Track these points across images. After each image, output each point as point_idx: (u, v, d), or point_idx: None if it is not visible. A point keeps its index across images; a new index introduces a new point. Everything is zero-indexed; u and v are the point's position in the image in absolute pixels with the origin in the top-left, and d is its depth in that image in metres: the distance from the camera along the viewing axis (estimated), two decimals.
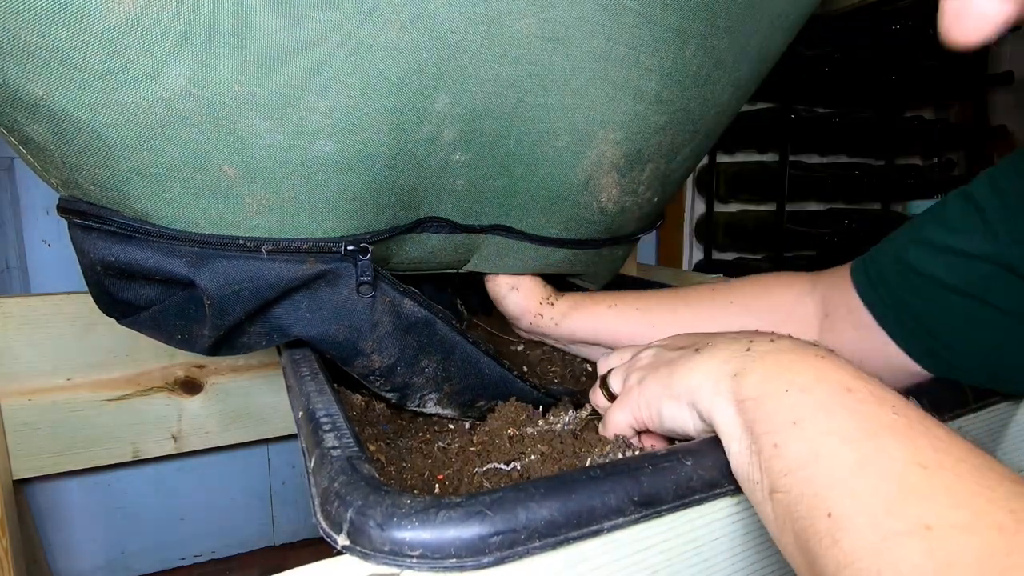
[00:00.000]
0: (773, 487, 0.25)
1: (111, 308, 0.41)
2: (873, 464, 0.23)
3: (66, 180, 0.36)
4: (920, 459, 0.22)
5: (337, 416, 0.33)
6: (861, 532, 0.22)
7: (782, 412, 0.26)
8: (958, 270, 0.39)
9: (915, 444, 0.23)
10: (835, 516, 0.22)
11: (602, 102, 0.43)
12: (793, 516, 0.24)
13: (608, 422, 0.38)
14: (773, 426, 0.26)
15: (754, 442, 0.27)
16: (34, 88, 0.30)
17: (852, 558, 0.21)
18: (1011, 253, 0.36)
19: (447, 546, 0.23)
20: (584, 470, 0.27)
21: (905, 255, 0.42)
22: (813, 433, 0.25)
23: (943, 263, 0.39)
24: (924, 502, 0.21)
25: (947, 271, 0.39)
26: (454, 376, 0.49)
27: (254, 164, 0.35)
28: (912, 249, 0.41)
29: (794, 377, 0.27)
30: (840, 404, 0.25)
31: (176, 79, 0.31)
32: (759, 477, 0.26)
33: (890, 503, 0.22)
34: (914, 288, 0.41)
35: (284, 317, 0.41)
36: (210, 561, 1.04)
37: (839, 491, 0.23)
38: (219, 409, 0.88)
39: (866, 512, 0.22)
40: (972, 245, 0.38)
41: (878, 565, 0.21)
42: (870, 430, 0.24)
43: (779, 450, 0.25)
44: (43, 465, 0.78)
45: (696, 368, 0.32)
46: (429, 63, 0.35)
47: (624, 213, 0.53)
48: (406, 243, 0.47)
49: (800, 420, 0.25)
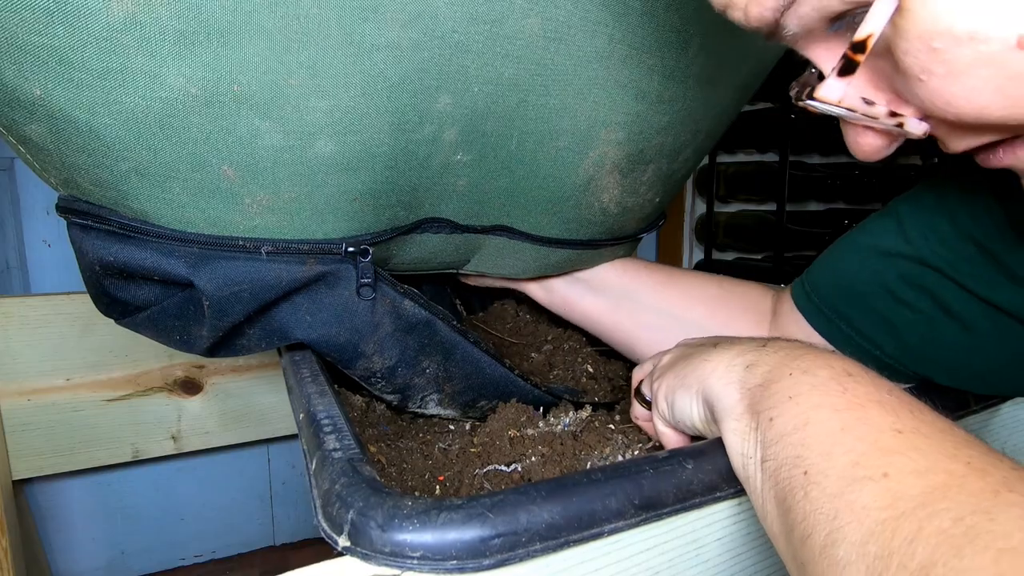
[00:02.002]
0: (764, 456, 0.26)
1: (110, 308, 0.41)
2: (853, 429, 0.24)
3: (65, 180, 0.36)
4: (898, 426, 0.24)
5: (338, 418, 0.33)
6: (828, 483, 0.23)
7: (782, 390, 0.27)
8: (877, 270, 0.41)
9: (897, 415, 0.24)
10: (809, 473, 0.24)
11: (604, 102, 0.43)
12: (776, 479, 0.25)
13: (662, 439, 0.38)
14: (772, 403, 0.27)
15: (753, 419, 0.28)
16: (32, 87, 0.30)
17: (815, 505, 0.23)
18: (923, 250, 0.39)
19: (448, 548, 0.23)
20: (585, 473, 0.27)
21: (835, 262, 0.45)
22: (806, 406, 0.26)
23: (864, 265, 0.42)
24: (889, 456, 0.22)
25: (866, 272, 0.42)
26: (455, 376, 0.49)
27: (253, 164, 0.34)
28: (841, 256, 0.45)
29: (800, 363, 0.28)
30: (837, 383, 0.26)
31: (175, 79, 0.30)
32: (753, 452, 0.27)
33: (858, 458, 0.23)
34: (841, 292, 0.43)
35: (284, 319, 0.41)
36: (210, 561, 1.04)
37: (816, 451, 0.24)
38: (219, 409, 0.88)
39: (836, 467, 0.23)
40: (885, 242, 0.41)
41: (836, 506, 0.22)
42: (859, 403, 0.25)
43: (773, 422, 0.27)
44: (43, 465, 0.78)
45: (710, 359, 0.33)
46: (431, 63, 0.35)
47: (626, 213, 0.53)
48: (406, 244, 0.47)
49: (796, 395, 0.27)
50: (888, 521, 0.20)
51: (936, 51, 0.21)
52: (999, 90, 0.21)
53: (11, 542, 0.70)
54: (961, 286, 0.38)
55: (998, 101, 0.22)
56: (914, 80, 0.23)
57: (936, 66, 0.22)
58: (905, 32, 0.22)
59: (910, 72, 0.23)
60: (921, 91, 0.23)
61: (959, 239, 0.38)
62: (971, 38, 0.20)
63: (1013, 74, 0.21)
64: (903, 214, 0.41)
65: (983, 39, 0.20)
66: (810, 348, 0.30)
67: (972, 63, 0.21)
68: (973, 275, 0.37)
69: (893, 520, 0.20)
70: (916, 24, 0.21)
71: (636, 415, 0.42)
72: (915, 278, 0.40)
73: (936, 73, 0.22)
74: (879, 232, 0.42)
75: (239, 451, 1.02)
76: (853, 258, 0.43)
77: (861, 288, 0.42)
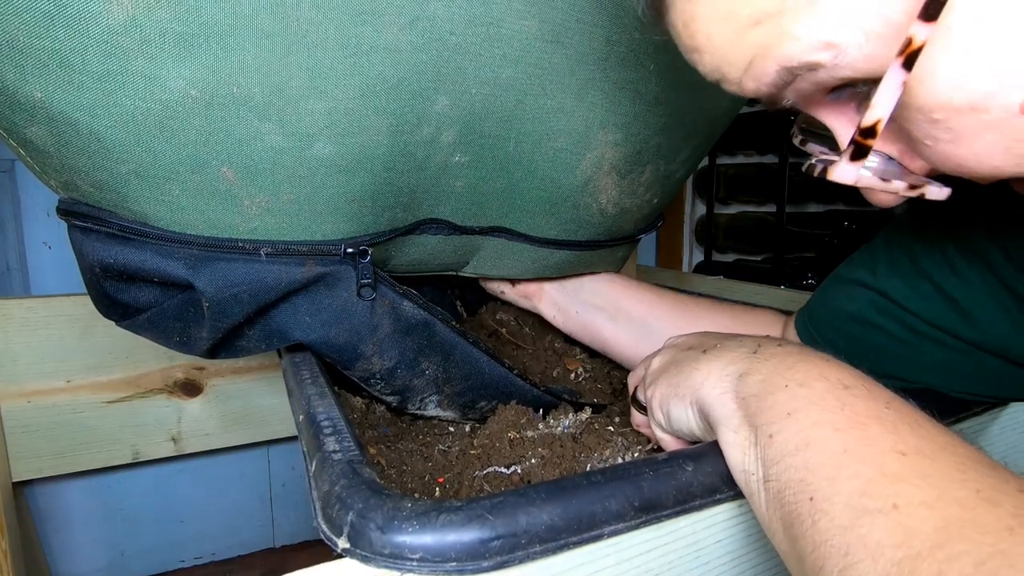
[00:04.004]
0: (766, 476, 0.26)
1: (110, 310, 0.41)
2: (856, 451, 0.24)
3: (65, 182, 0.36)
4: (901, 447, 0.23)
5: (338, 419, 0.32)
6: (836, 513, 0.22)
7: (779, 405, 0.27)
8: (853, 298, 0.44)
9: (898, 433, 0.24)
10: (815, 499, 0.23)
11: (601, 103, 0.43)
12: (781, 502, 0.25)
13: (661, 445, 0.38)
14: (770, 418, 0.27)
15: (752, 433, 0.28)
16: (32, 90, 0.30)
17: (825, 536, 0.22)
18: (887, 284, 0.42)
19: (447, 550, 0.23)
20: (585, 475, 0.27)
21: (825, 292, 0.47)
22: (805, 423, 0.26)
23: (844, 294, 0.45)
24: (896, 484, 0.22)
25: (846, 300, 0.44)
26: (454, 377, 0.49)
27: (253, 166, 0.34)
28: (830, 287, 0.47)
29: (795, 375, 0.28)
30: (835, 398, 0.26)
31: (175, 81, 0.30)
32: (755, 468, 0.27)
33: (865, 486, 0.22)
34: (828, 321, 0.46)
35: (283, 320, 0.41)
36: (210, 563, 1.04)
37: (821, 475, 0.24)
38: (219, 411, 0.88)
39: (843, 494, 0.23)
40: (862, 277, 0.43)
41: (847, 541, 0.21)
42: (859, 421, 0.25)
43: (773, 440, 0.26)
44: (42, 467, 0.78)
45: (701, 367, 0.32)
46: (429, 65, 0.35)
47: (624, 214, 0.53)
48: (405, 245, 0.47)
49: (795, 411, 0.26)
50: (904, 562, 0.20)
51: (937, 121, 0.22)
52: (1008, 151, 0.21)
53: (11, 544, 0.70)
54: (918, 317, 0.40)
55: (1010, 160, 0.22)
56: (921, 144, 0.23)
57: (940, 133, 0.22)
58: (905, 105, 0.22)
59: (915, 137, 0.23)
60: (930, 154, 0.23)
61: (916, 276, 0.40)
62: (972, 108, 0.21)
63: (1021, 137, 0.21)
64: (876, 249, 0.44)
65: (983, 109, 0.21)
66: (802, 354, 0.30)
67: (977, 130, 0.21)
68: (928, 310, 0.40)
69: (909, 561, 0.20)
70: (914, 99, 0.22)
71: (636, 422, 0.42)
72: (883, 307, 0.42)
73: (942, 139, 0.22)
74: (858, 265, 0.45)
75: (239, 453, 1.02)
76: (839, 288, 0.46)
77: (843, 316, 0.44)
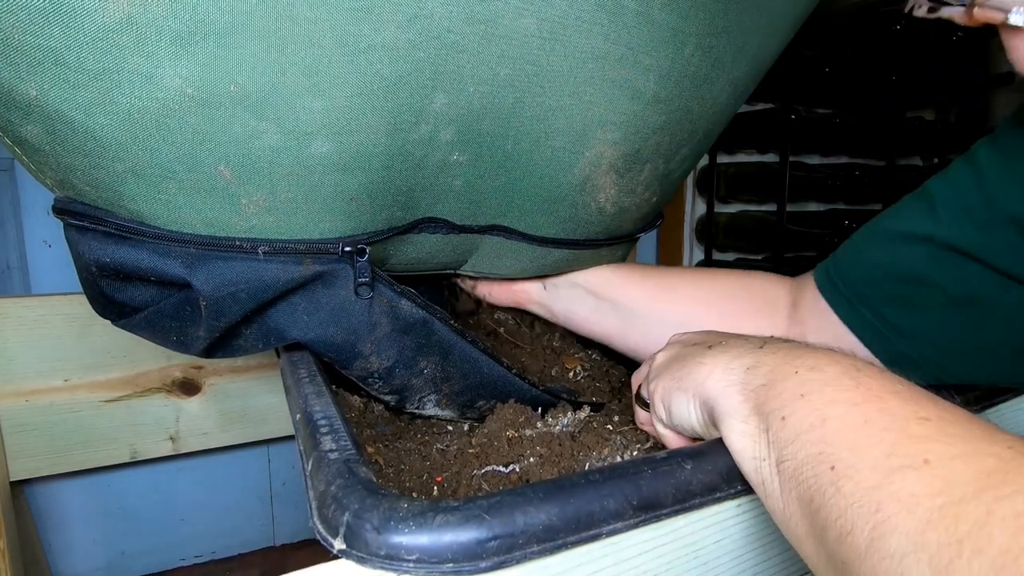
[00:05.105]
0: (780, 457, 0.25)
1: (106, 310, 0.41)
2: (877, 420, 0.23)
3: (61, 181, 0.35)
4: (923, 414, 0.23)
5: (335, 418, 0.32)
6: (862, 476, 0.22)
7: (790, 390, 0.26)
8: (903, 255, 0.40)
9: (919, 403, 0.23)
10: (837, 468, 0.22)
11: (600, 102, 0.43)
12: (798, 480, 0.24)
13: (663, 442, 0.38)
14: (781, 402, 0.26)
15: (762, 420, 0.27)
16: (27, 88, 0.30)
17: (851, 500, 0.21)
18: (952, 233, 0.38)
19: (444, 551, 0.23)
20: (583, 474, 0.26)
21: (863, 247, 0.44)
22: (819, 403, 0.25)
23: (888, 250, 0.41)
24: (924, 443, 0.21)
25: (892, 257, 0.41)
26: (453, 376, 0.49)
27: (250, 165, 0.34)
28: (867, 241, 0.44)
29: (804, 361, 0.28)
30: (849, 377, 0.26)
31: (171, 79, 0.30)
32: (766, 454, 0.26)
33: (891, 447, 0.22)
34: (864, 278, 0.42)
35: (281, 319, 0.41)
36: (210, 562, 1.04)
37: (842, 445, 0.23)
38: (217, 410, 0.88)
39: (868, 458, 0.22)
40: (915, 227, 0.40)
41: (877, 499, 0.21)
42: (876, 395, 0.24)
43: (786, 421, 0.25)
44: (40, 466, 0.78)
45: (707, 362, 0.32)
46: (426, 63, 0.35)
47: (622, 213, 0.53)
48: (403, 244, 0.47)
49: (808, 393, 0.26)
50: (947, 507, 0.19)
51: None
52: None
53: (10, 543, 0.70)
54: (994, 268, 0.37)
55: None
56: None
57: None
58: None
59: None
60: None
61: (996, 223, 0.36)
62: None
63: None
64: (936, 196, 0.40)
65: None
66: (810, 346, 0.29)
67: None
68: (1010, 258, 0.36)
69: (952, 506, 0.19)
70: None
71: (640, 420, 0.41)
72: (943, 261, 0.38)
73: None
74: (909, 216, 0.41)
75: (239, 452, 1.02)
76: (882, 242, 0.42)
77: (888, 276, 0.41)
